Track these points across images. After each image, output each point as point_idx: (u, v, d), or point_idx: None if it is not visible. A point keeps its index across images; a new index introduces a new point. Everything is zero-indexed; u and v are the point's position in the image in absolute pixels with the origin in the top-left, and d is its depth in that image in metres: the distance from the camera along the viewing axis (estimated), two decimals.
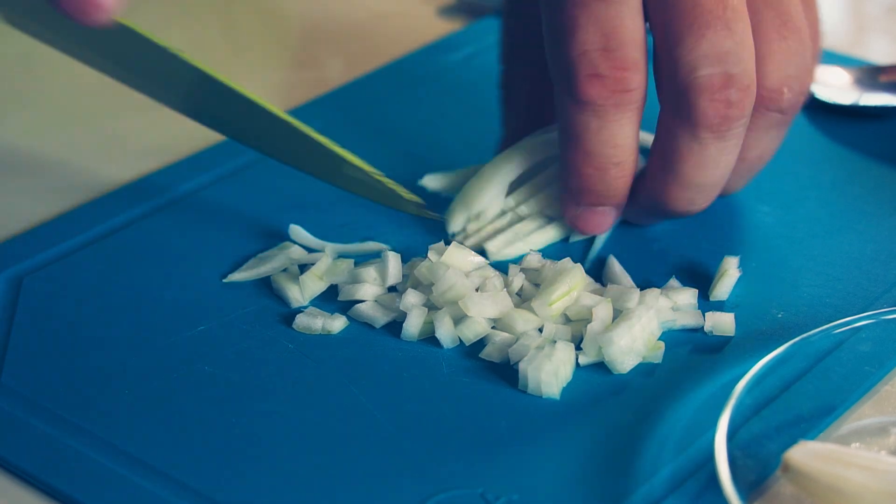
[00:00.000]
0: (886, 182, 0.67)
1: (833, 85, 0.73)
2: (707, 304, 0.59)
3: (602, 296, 0.57)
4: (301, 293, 0.59)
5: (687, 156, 0.57)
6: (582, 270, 0.58)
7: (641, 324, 0.55)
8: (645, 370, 0.55)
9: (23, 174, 0.70)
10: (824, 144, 0.70)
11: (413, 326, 0.57)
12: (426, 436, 0.52)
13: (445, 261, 0.58)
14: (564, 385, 0.54)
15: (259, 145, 0.62)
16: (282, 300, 0.59)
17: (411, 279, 0.59)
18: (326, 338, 0.57)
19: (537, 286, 0.58)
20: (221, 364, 0.56)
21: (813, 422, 0.52)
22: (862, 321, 0.55)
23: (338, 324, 0.58)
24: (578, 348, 0.56)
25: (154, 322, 0.58)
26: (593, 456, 0.51)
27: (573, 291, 0.57)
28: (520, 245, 0.61)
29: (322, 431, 0.53)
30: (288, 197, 0.65)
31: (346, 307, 0.59)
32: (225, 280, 0.61)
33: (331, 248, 0.61)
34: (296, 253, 0.61)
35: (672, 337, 0.57)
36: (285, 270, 0.61)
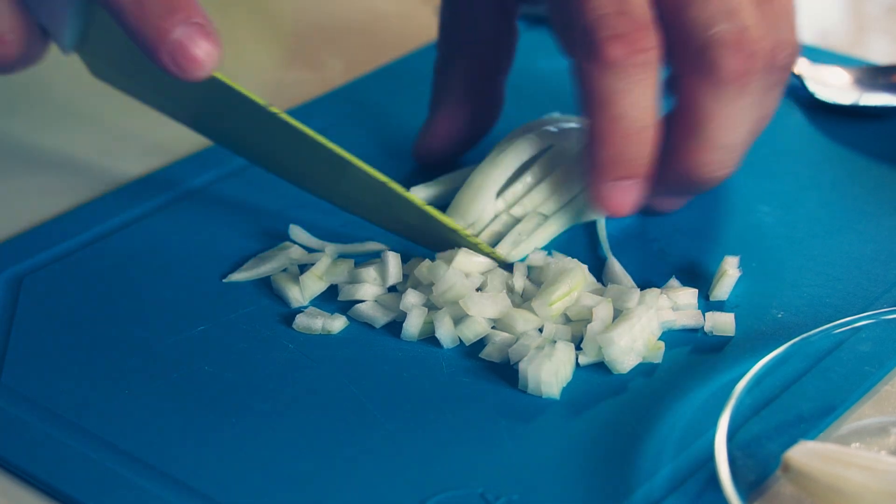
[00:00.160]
0: (886, 182, 0.67)
1: (833, 85, 0.73)
2: (707, 304, 0.59)
3: (602, 296, 0.57)
4: (301, 293, 0.59)
5: (713, 115, 0.58)
6: (584, 271, 0.58)
7: (641, 324, 0.55)
8: (645, 370, 0.55)
9: (23, 174, 0.70)
10: (824, 144, 0.70)
11: (413, 326, 0.57)
12: (426, 436, 0.52)
13: (456, 267, 0.58)
14: (564, 385, 0.54)
15: (332, 197, 0.63)
16: (282, 300, 0.59)
17: (411, 279, 0.59)
18: (326, 338, 0.57)
19: (538, 286, 0.58)
20: (221, 364, 0.56)
21: (813, 422, 0.52)
22: (862, 321, 0.55)
23: (338, 324, 0.58)
24: (578, 348, 0.56)
25: (154, 322, 0.58)
26: (593, 456, 0.51)
27: (574, 292, 0.57)
28: (524, 246, 0.61)
29: (322, 431, 0.53)
30: (288, 197, 0.65)
31: (346, 307, 0.59)
32: (225, 280, 0.61)
33: (331, 248, 0.61)
34: (296, 253, 0.61)
35: (672, 337, 0.57)
36: (285, 270, 0.61)
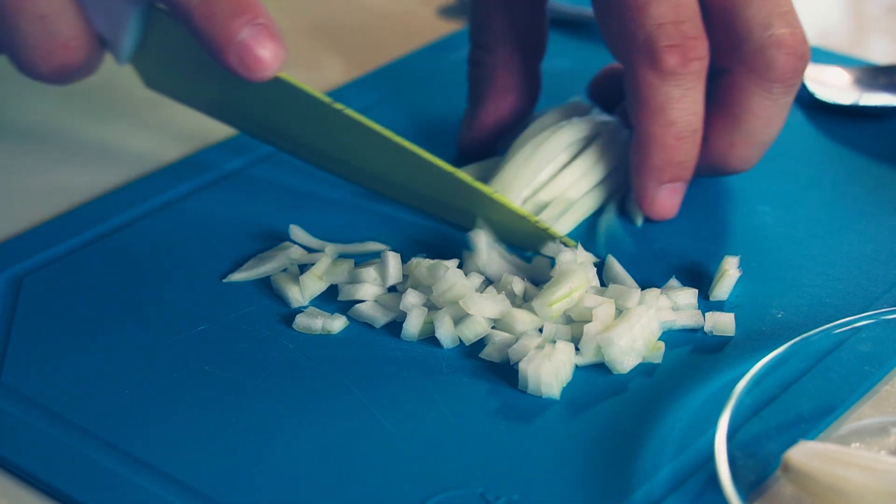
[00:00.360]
0: (886, 182, 0.67)
1: (833, 85, 0.73)
2: (707, 304, 0.59)
3: (602, 296, 0.57)
4: (301, 293, 0.59)
5: (759, 112, 0.61)
6: (586, 272, 0.57)
7: (641, 324, 0.55)
8: (645, 370, 0.55)
9: (23, 174, 0.70)
10: (824, 144, 0.70)
11: (413, 326, 0.57)
12: (426, 436, 0.52)
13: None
14: (564, 385, 0.54)
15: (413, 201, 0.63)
16: (282, 300, 0.59)
17: (411, 279, 0.59)
18: (326, 338, 0.57)
19: (538, 286, 0.58)
20: (221, 364, 0.56)
21: (813, 422, 0.52)
22: (862, 321, 0.55)
23: (338, 324, 0.58)
24: (578, 348, 0.56)
25: (154, 322, 0.58)
26: (593, 456, 0.51)
27: (574, 293, 0.57)
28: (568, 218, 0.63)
29: (322, 431, 0.53)
30: (288, 197, 0.65)
31: (346, 307, 0.59)
32: (225, 280, 0.61)
33: (331, 248, 0.61)
34: (296, 253, 0.61)
35: (672, 337, 0.57)
36: (285, 270, 0.61)
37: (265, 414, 0.53)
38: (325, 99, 0.60)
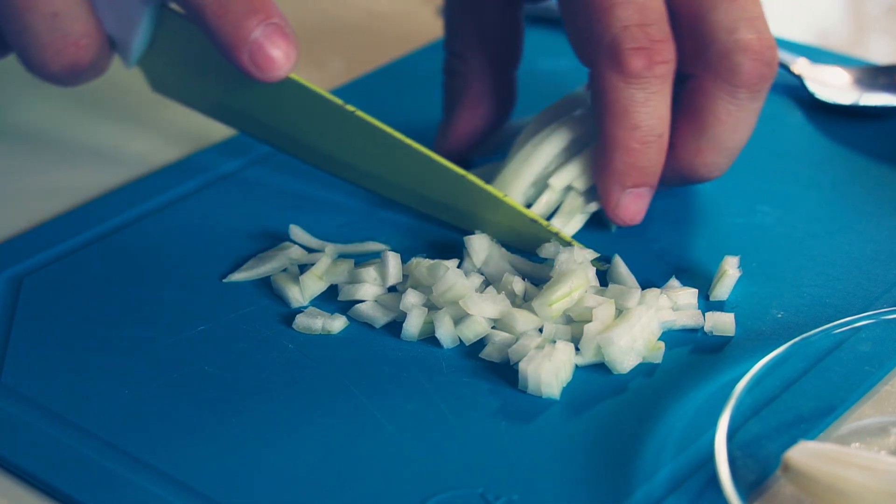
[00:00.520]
0: (886, 182, 0.67)
1: (833, 85, 0.73)
2: (707, 304, 0.59)
3: (602, 296, 0.57)
4: (301, 293, 0.59)
5: (724, 118, 0.60)
6: (587, 272, 0.57)
7: (641, 324, 0.55)
8: (645, 370, 0.55)
9: (23, 174, 0.70)
10: (824, 144, 0.70)
11: (413, 326, 0.57)
12: (426, 436, 0.52)
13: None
14: (564, 385, 0.54)
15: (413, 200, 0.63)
16: (282, 300, 0.59)
17: (411, 279, 0.59)
18: (326, 338, 0.57)
19: (538, 286, 0.58)
20: (221, 364, 0.56)
21: (813, 422, 0.52)
22: (862, 321, 0.55)
23: (338, 324, 0.58)
24: (578, 348, 0.56)
25: (154, 322, 0.58)
26: (593, 456, 0.51)
27: (574, 293, 0.57)
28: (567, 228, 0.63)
29: (322, 431, 0.53)
30: (288, 197, 0.65)
31: (346, 307, 0.59)
32: (225, 280, 0.61)
33: (331, 248, 0.61)
34: (296, 253, 0.61)
35: (672, 337, 0.57)
36: (285, 270, 0.61)
37: (265, 414, 0.53)
38: (337, 101, 0.60)
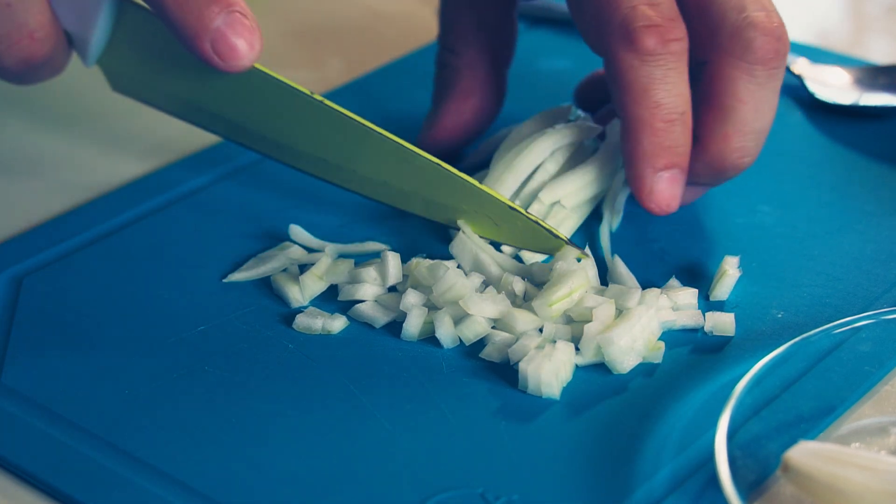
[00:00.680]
0: (886, 182, 0.67)
1: (833, 85, 0.73)
2: (707, 304, 0.59)
3: (602, 296, 0.57)
4: (301, 293, 0.59)
5: (746, 98, 0.59)
6: (587, 273, 0.57)
7: (641, 324, 0.55)
8: (645, 370, 0.55)
9: (23, 174, 0.70)
10: (824, 144, 0.70)
11: (413, 326, 0.57)
12: (426, 436, 0.52)
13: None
14: (564, 385, 0.54)
15: (392, 198, 0.62)
16: (282, 300, 0.59)
17: (411, 279, 0.59)
18: (326, 338, 0.57)
19: (538, 286, 0.58)
20: (221, 364, 0.56)
21: (813, 422, 0.52)
22: (862, 321, 0.55)
23: (338, 324, 0.58)
24: (578, 348, 0.56)
25: (154, 322, 0.58)
26: (593, 456, 0.51)
27: (574, 293, 0.57)
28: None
29: (322, 431, 0.53)
30: (288, 197, 0.65)
31: (346, 307, 0.59)
32: (225, 280, 0.61)
33: (331, 248, 0.61)
34: (296, 253, 0.61)
35: (672, 337, 0.57)
36: (285, 270, 0.61)
37: (265, 414, 0.53)
38: (304, 90, 0.59)
